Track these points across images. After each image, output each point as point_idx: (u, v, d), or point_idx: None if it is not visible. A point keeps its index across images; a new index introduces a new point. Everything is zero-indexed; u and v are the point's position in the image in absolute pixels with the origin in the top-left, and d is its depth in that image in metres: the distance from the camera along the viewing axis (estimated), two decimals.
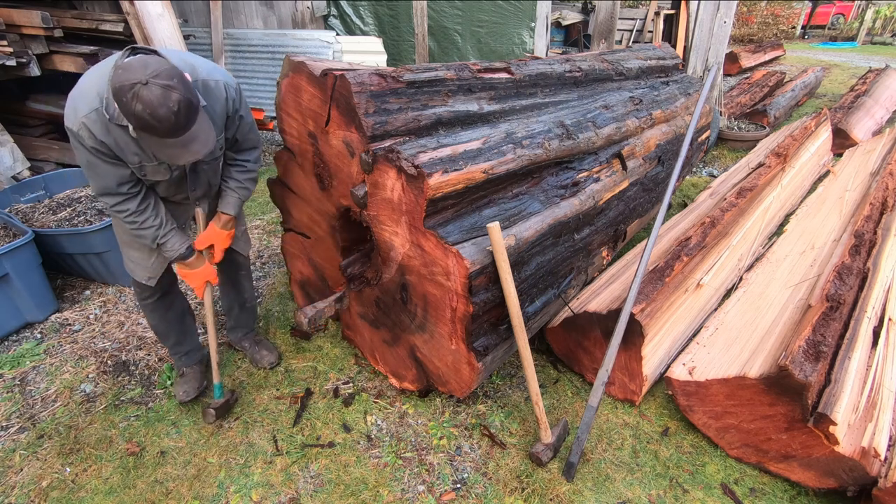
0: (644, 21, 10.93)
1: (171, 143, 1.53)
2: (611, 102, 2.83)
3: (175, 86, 1.46)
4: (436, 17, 6.51)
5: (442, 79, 2.07)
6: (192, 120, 1.53)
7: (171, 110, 1.44)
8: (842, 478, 1.78)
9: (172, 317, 2.24)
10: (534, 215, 2.05)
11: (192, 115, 1.51)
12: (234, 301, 2.49)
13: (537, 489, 1.91)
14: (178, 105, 1.45)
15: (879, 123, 6.15)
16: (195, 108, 1.53)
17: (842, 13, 17.54)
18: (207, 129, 1.60)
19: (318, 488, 1.93)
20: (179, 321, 2.28)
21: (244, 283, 2.46)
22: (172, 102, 1.44)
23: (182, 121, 1.48)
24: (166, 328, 2.25)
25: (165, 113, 1.44)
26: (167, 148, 1.54)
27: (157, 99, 1.42)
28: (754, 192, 3.31)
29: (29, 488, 1.93)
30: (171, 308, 2.23)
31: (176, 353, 2.32)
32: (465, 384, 1.99)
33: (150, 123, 1.45)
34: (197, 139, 1.57)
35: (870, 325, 2.11)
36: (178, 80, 1.48)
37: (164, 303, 2.19)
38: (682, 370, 2.11)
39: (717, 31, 5.40)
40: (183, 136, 1.53)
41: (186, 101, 1.48)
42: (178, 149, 1.55)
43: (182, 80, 1.50)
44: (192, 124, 1.53)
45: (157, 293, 2.13)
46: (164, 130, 1.47)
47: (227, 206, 2.04)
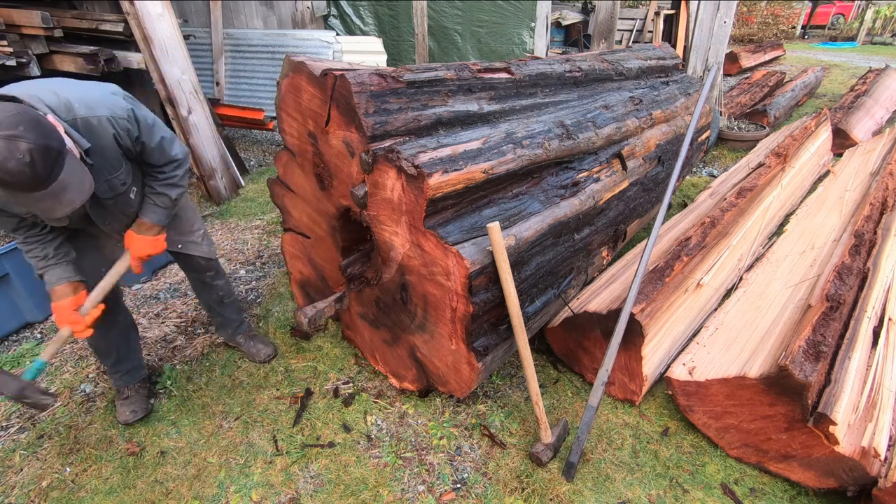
0: (644, 21, 10.93)
1: (39, 196, 1.36)
2: (611, 102, 2.83)
3: (20, 134, 1.29)
4: (436, 17, 6.51)
5: (442, 79, 2.07)
6: (56, 167, 1.35)
7: (21, 162, 1.28)
8: (842, 478, 1.78)
9: (114, 334, 2.12)
10: (534, 215, 2.05)
11: (52, 163, 1.34)
12: (208, 300, 2.45)
13: (537, 489, 1.91)
14: (30, 154, 1.29)
15: (879, 123, 6.15)
16: (55, 153, 1.35)
17: (842, 13, 17.54)
18: (80, 174, 1.44)
19: (318, 488, 1.93)
20: (122, 338, 2.17)
21: (214, 283, 2.38)
22: (21, 153, 1.27)
23: (41, 171, 1.32)
24: (107, 346, 2.11)
25: (16, 166, 1.27)
26: (38, 202, 1.38)
27: (0, 153, 1.26)
28: (754, 192, 3.31)
29: (29, 488, 1.93)
30: (112, 326, 2.10)
31: (116, 371, 2.18)
32: (465, 384, 1.99)
33: (5, 180, 1.29)
34: (69, 187, 1.40)
35: (870, 325, 2.11)
36: (25, 126, 1.30)
37: (107, 319, 2.03)
38: (682, 370, 2.11)
39: (717, 31, 5.40)
40: (51, 187, 1.36)
41: (40, 147, 1.31)
42: (49, 201, 1.39)
43: (32, 125, 1.32)
44: (56, 173, 1.36)
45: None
46: (24, 185, 1.31)
47: (143, 212, 1.89)
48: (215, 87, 5.88)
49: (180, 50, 3.97)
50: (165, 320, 2.87)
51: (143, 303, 3.04)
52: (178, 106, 3.99)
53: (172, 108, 3.99)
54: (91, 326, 1.84)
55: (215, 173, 4.33)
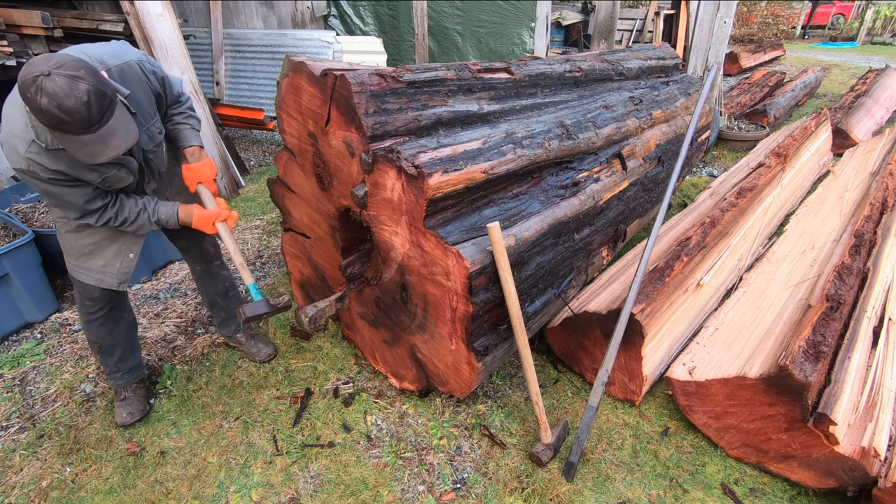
0: (644, 21, 10.93)
1: (88, 139, 1.42)
2: (611, 102, 2.83)
3: (82, 76, 1.35)
4: (436, 17, 6.51)
5: (442, 79, 2.07)
6: (108, 113, 1.42)
7: (79, 101, 1.34)
8: (842, 478, 1.78)
9: (121, 330, 2.14)
10: (534, 215, 2.05)
11: (105, 107, 1.41)
12: (214, 293, 2.45)
13: (537, 489, 1.91)
14: (88, 95, 1.35)
15: (879, 123, 6.15)
16: (109, 100, 1.43)
17: (842, 13, 17.54)
18: (127, 122, 1.50)
19: (318, 488, 1.93)
20: (127, 335, 2.19)
21: (221, 273, 2.42)
22: (80, 93, 1.34)
23: (95, 113, 1.38)
24: (113, 343, 2.13)
25: (74, 104, 1.33)
26: (84, 146, 1.43)
27: (62, 90, 1.32)
28: (754, 192, 3.31)
29: (29, 488, 1.93)
30: (120, 321, 2.13)
31: (119, 369, 2.19)
32: (465, 384, 1.99)
33: (60, 118, 1.34)
34: (116, 133, 1.46)
35: (870, 325, 2.11)
36: (85, 70, 1.37)
37: (114, 316, 2.09)
38: (682, 370, 2.11)
39: (717, 31, 5.40)
40: (100, 131, 1.42)
41: (97, 91, 1.38)
42: (97, 145, 1.44)
43: (91, 71, 1.39)
44: (108, 118, 1.42)
45: (108, 305, 2.04)
46: (77, 125, 1.37)
47: (186, 138, 1.97)
48: (215, 87, 5.88)
49: (180, 50, 3.97)
50: (165, 320, 2.87)
51: (143, 303, 3.04)
52: None
53: None
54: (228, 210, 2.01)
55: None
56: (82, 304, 2.02)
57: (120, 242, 1.95)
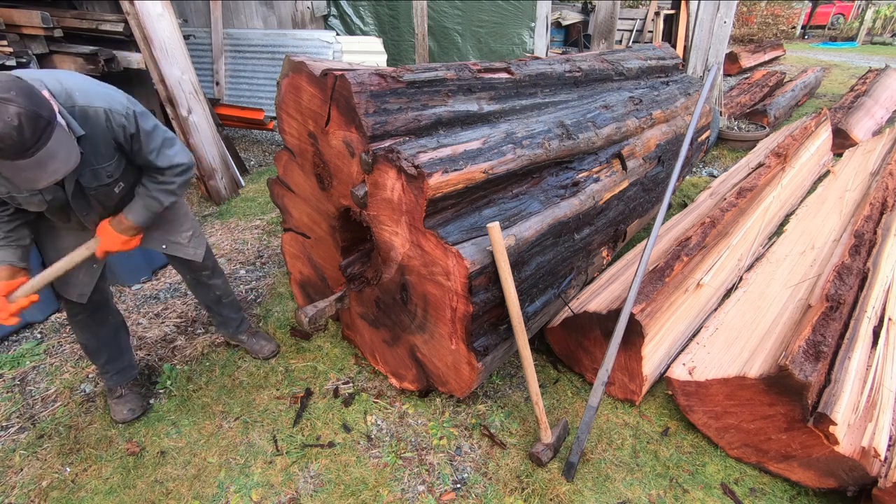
0: (644, 21, 10.93)
1: (24, 164, 1.35)
2: (611, 102, 2.83)
3: (11, 98, 1.30)
4: (436, 17, 6.51)
5: (442, 79, 2.07)
6: (44, 135, 1.36)
7: (8, 125, 1.28)
8: (842, 478, 1.78)
9: (105, 333, 2.12)
10: (534, 215, 2.05)
11: (41, 129, 1.34)
12: (206, 300, 2.43)
13: (537, 489, 1.91)
14: (18, 118, 1.29)
15: (879, 123, 6.15)
16: (45, 122, 1.36)
17: (842, 13, 17.54)
18: (68, 145, 1.43)
19: (318, 488, 1.93)
20: (112, 337, 2.17)
21: (210, 283, 2.35)
22: (10, 116, 1.28)
23: (28, 136, 1.32)
24: (98, 345, 2.11)
25: (3, 129, 1.28)
26: (21, 172, 1.37)
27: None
28: (754, 192, 3.31)
29: (29, 488, 1.93)
30: (103, 324, 2.10)
31: (107, 371, 2.18)
32: (465, 384, 1.99)
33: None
34: (55, 157, 1.39)
35: (870, 324, 2.11)
36: (16, 92, 1.31)
37: (97, 319, 2.06)
38: (682, 370, 2.11)
39: (717, 31, 5.40)
40: (37, 155, 1.35)
41: (29, 113, 1.31)
42: (34, 171, 1.37)
43: (23, 92, 1.33)
44: (44, 141, 1.36)
45: (87, 309, 2.01)
46: (10, 150, 1.31)
47: (128, 209, 1.83)
48: (215, 87, 5.88)
49: (180, 50, 3.97)
50: (165, 320, 2.87)
51: (143, 303, 3.04)
52: (178, 106, 3.99)
53: (172, 108, 3.99)
54: (16, 315, 1.77)
55: (215, 173, 4.33)
56: (65, 307, 2.03)
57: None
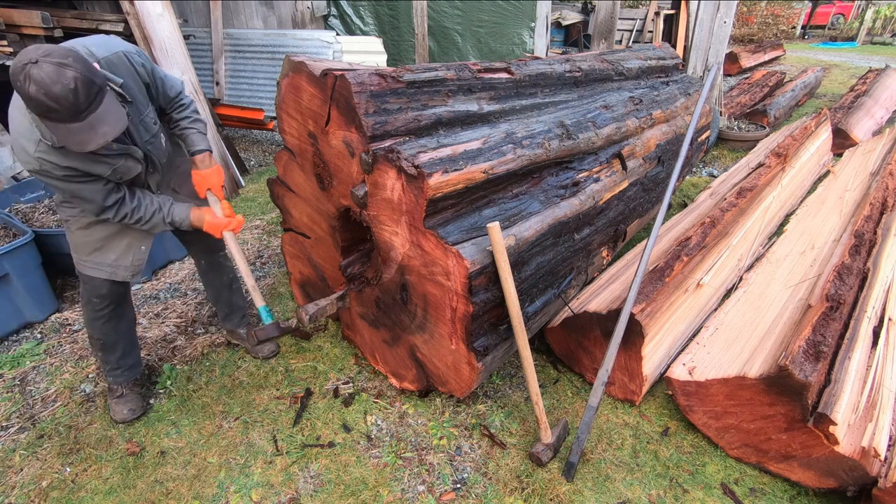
0: (644, 21, 10.93)
1: (76, 128, 1.43)
2: (611, 102, 2.83)
3: (69, 63, 1.36)
4: (436, 17, 6.51)
5: (442, 79, 2.07)
6: (96, 100, 1.43)
7: (66, 87, 1.35)
8: (842, 478, 1.78)
9: (124, 327, 2.16)
10: (534, 215, 2.05)
11: (93, 95, 1.42)
12: (219, 286, 2.47)
13: (537, 489, 1.91)
14: (75, 82, 1.36)
15: (879, 123, 6.15)
16: (97, 88, 1.43)
17: (842, 13, 17.54)
18: (116, 110, 1.50)
19: (318, 488, 1.93)
20: (129, 331, 2.21)
21: (224, 264, 2.45)
22: (67, 79, 1.35)
23: (82, 100, 1.39)
24: (116, 339, 2.14)
25: (61, 91, 1.34)
26: (74, 134, 1.44)
27: (48, 77, 1.33)
28: (754, 192, 3.31)
29: (29, 488, 1.93)
30: (123, 318, 2.15)
31: (120, 366, 2.20)
32: (465, 384, 1.99)
33: (48, 105, 1.35)
34: (105, 120, 1.47)
35: (870, 325, 2.11)
36: (73, 58, 1.38)
37: (118, 312, 2.10)
38: (682, 370, 2.11)
39: (717, 31, 5.40)
40: (88, 119, 1.43)
41: (84, 78, 1.39)
42: (86, 133, 1.44)
43: (79, 59, 1.40)
44: (96, 105, 1.43)
45: (113, 303, 2.05)
46: (65, 112, 1.38)
47: (194, 143, 2.00)
48: (215, 87, 5.88)
49: (180, 50, 3.97)
50: (165, 320, 2.87)
51: (142, 303, 3.04)
52: None
53: None
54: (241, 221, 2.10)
55: None
56: (89, 301, 2.04)
57: (131, 236, 1.98)
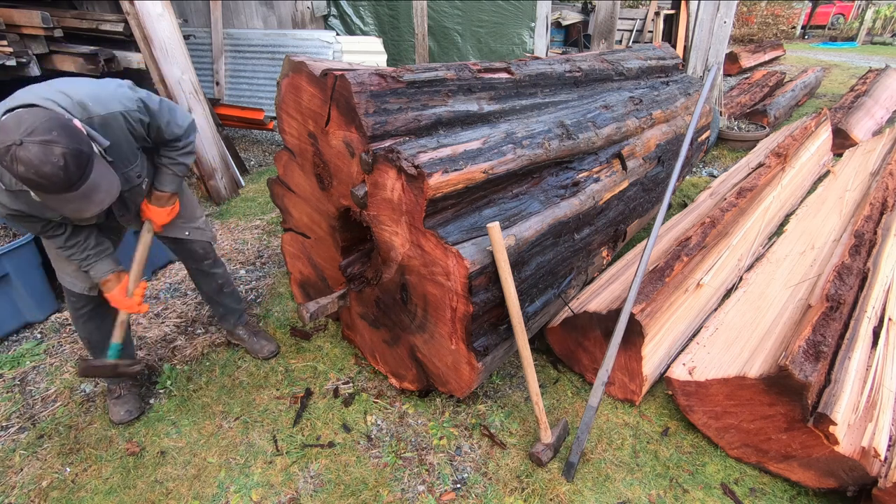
0: (644, 21, 10.93)
1: (71, 197, 1.43)
2: (611, 102, 2.83)
3: (55, 139, 1.35)
4: (436, 17, 6.51)
5: (442, 79, 2.07)
6: (87, 170, 1.43)
7: (56, 166, 1.34)
8: (842, 478, 1.78)
9: (108, 327, 2.12)
10: (534, 215, 2.05)
11: (84, 165, 1.41)
12: (209, 290, 2.46)
13: (537, 489, 1.91)
14: (64, 158, 1.35)
15: (879, 123, 6.15)
16: (86, 158, 1.43)
17: (842, 13, 17.54)
18: (108, 175, 1.51)
19: (318, 488, 1.93)
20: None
21: (212, 272, 2.41)
22: (56, 157, 1.34)
23: (74, 173, 1.39)
24: (101, 339, 2.13)
25: (51, 170, 1.34)
26: (69, 203, 1.45)
27: (36, 157, 1.32)
28: (754, 192, 3.31)
29: (29, 488, 1.93)
30: (106, 318, 2.11)
31: None
32: (465, 384, 1.99)
33: (41, 184, 1.36)
34: (98, 188, 1.47)
35: (870, 325, 2.10)
36: (58, 132, 1.37)
37: (100, 312, 2.08)
38: (682, 370, 2.11)
39: (717, 31, 5.40)
40: (82, 188, 1.43)
41: (73, 151, 1.38)
42: (80, 202, 1.46)
43: (64, 131, 1.39)
44: (87, 174, 1.43)
45: (91, 303, 2.04)
46: (58, 187, 1.38)
47: (161, 182, 1.98)
48: (215, 87, 5.88)
49: (180, 50, 3.97)
50: (165, 320, 2.87)
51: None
52: None
53: None
54: (142, 303, 2.02)
55: (215, 173, 4.33)
56: (69, 300, 2.06)
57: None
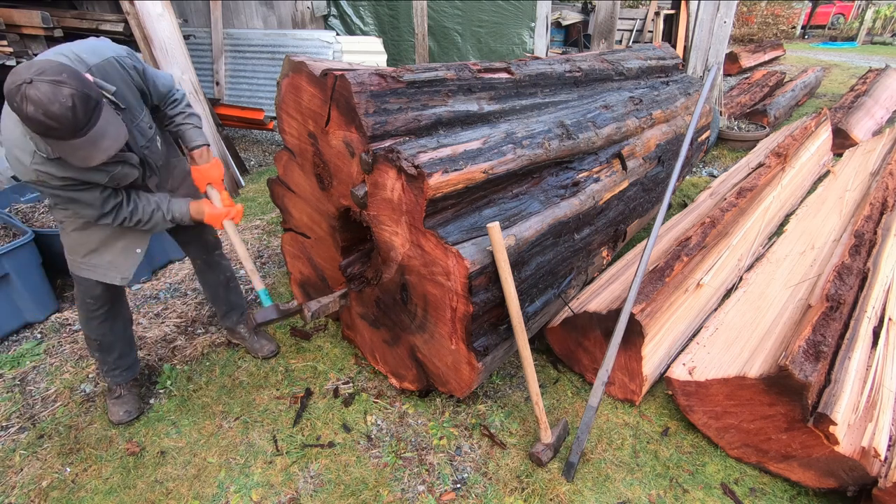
0: (644, 21, 10.93)
1: (79, 143, 1.43)
2: (611, 102, 2.83)
3: (64, 80, 1.36)
4: (436, 17, 6.51)
5: (442, 79, 2.07)
6: (94, 115, 1.43)
7: (64, 106, 1.35)
8: (842, 478, 1.78)
9: (120, 327, 2.16)
10: (534, 215, 2.05)
11: (91, 110, 1.42)
12: (215, 284, 2.46)
13: (537, 489, 1.91)
14: (72, 99, 1.36)
15: (879, 123, 6.15)
16: (94, 103, 1.43)
17: (842, 13, 17.55)
18: (115, 122, 1.51)
19: (318, 488, 1.93)
20: (125, 331, 2.20)
21: (221, 263, 2.44)
22: (64, 97, 1.35)
23: (81, 116, 1.39)
24: (113, 339, 2.14)
25: (59, 109, 1.34)
26: (77, 150, 1.44)
27: (45, 96, 1.33)
28: (754, 192, 3.31)
29: (29, 488, 1.93)
30: (118, 318, 2.14)
31: (118, 367, 2.20)
32: (465, 384, 1.99)
33: (48, 125, 1.36)
34: (106, 134, 1.47)
35: (870, 325, 2.10)
36: (67, 74, 1.38)
37: (114, 312, 2.10)
38: (682, 370, 2.11)
39: (717, 31, 5.40)
40: (89, 134, 1.43)
41: (81, 95, 1.38)
42: (88, 149, 1.45)
43: (73, 74, 1.40)
44: (95, 120, 1.44)
45: (108, 303, 2.05)
46: (66, 130, 1.38)
47: (192, 139, 1.99)
48: (215, 87, 5.88)
49: (180, 50, 3.97)
50: (165, 320, 2.87)
51: (143, 303, 3.04)
52: None
53: None
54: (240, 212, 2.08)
55: None
56: (83, 303, 2.03)
57: (127, 239, 1.97)
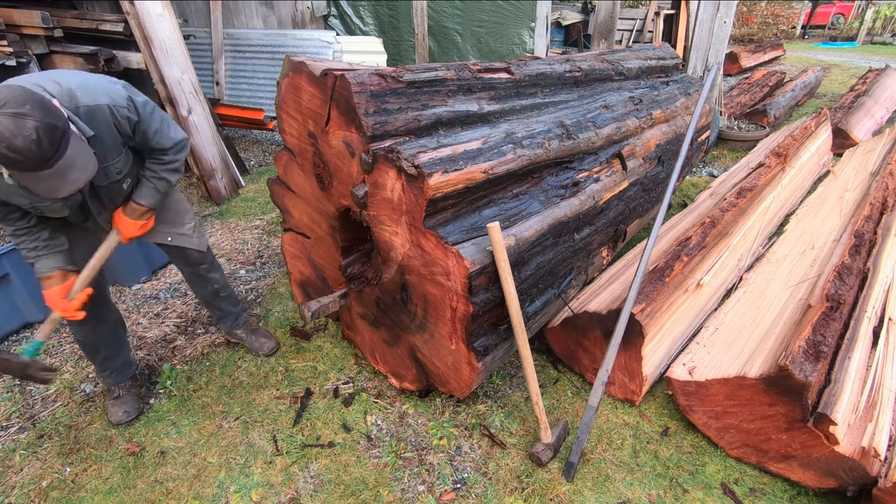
0: (644, 21, 10.93)
1: (47, 175, 1.39)
2: (611, 102, 2.83)
3: (28, 112, 1.32)
4: (436, 17, 6.51)
5: (442, 79, 2.07)
6: (62, 145, 1.39)
7: (28, 139, 1.31)
8: (842, 478, 1.78)
9: (104, 329, 2.12)
10: (534, 215, 2.05)
11: (58, 140, 1.37)
12: (204, 294, 2.44)
13: (537, 489, 1.91)
14: (36, 132, 1.32)
15: (879, 123, 6.15)
16: (61, 133, 1.39)
17: (842, 13, 17.55)
18: (85, 153, 1.48)
19: (318, 488, 1.93)
20: (113, 333, 2.18)
21: (208, 276, 2.37)
22: (28, 130, 1.31)
23: (47, 148, 1.35)
24: (96, 341, 2.12)
25: (23, 143, 1.31)
26: (44, 182, 1.41)
27: (8, 130, 1.29)
28: (754, 192, 3.31)
29: (29, 488, 1.93)
30: (102, 321, 2.11)
31: (106, 368, 2.19)
32: (465, 384, 1.99)
33: (12, 158, 1.32)
34: (74, 166, 1.43)
35: (870, 325, 2.10)
36: (31, 105, 1.34)
37: (94, 315, 2.05)
38: (682, 370, 2.11)
39: (717, 31, 5.40)
40: (57, 165, 1.39)
41: (46, 126, 1.34)
42: (55, 180, 1.42)
43: (38, 105, 1.36)
44: (62, 151, 1.39)
45: (86, 305, 1.95)
46: (31, 163, 1.35)
47: (139, 195, 1.91)
48: (215, 87, 5.88)
49: (180, 50, 3.97)
50: (165, 320, 2.87)
51: (143, 303, 3.04)
52: (178, 106, 3.99)
53: (172, 108, 3.99)
54: (81, 309, 1.87)
55: (215, 173, 4.33)
56: None
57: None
